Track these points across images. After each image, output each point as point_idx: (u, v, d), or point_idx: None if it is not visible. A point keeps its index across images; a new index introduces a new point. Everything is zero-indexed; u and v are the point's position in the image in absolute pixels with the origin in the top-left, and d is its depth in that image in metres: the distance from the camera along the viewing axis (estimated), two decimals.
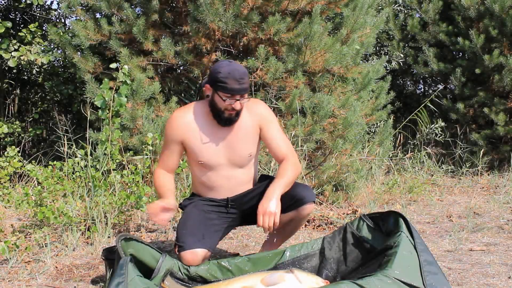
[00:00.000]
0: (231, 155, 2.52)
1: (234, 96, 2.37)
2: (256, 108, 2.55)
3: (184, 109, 2.56)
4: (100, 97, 3.61)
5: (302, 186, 2.58)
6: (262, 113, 2.55)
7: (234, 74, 2.35)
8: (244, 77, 2.37)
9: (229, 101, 2.38)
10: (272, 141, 2.54)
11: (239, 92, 2.36)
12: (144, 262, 2.29)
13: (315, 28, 4.14)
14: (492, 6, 5.65)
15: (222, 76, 2.35)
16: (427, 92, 7.52)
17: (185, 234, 2.46)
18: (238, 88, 2.35)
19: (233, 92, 2.36)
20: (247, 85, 2.39)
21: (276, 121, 2.59)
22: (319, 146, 4.56)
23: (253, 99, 2.62)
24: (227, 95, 2.37)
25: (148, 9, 4.38)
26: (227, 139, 2.50)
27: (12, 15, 6.28)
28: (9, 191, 3.81)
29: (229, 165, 2.54)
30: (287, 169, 2.46)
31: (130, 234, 2.35)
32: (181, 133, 2.51)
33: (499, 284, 2.57)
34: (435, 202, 4.56)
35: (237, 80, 2.34)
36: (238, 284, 2.19)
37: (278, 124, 2.60)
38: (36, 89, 6.62)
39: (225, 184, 2.57)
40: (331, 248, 2.49)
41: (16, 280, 2.69)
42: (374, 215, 2.47)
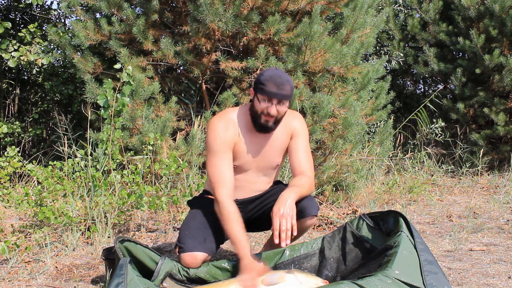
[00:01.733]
0: (260, 162, 2.53)
1: (271, 99, 2.34)
2: (292, 120, 2.54)
3: (227, 114, 2.50)
4: (103, 96, 3.61)
5: (308, 198, 2.55)
6: (296, 126, 2.54)
7: (275, 79, 2.33)
8: (285, 83, 2.34)
9: (265, 104, 2.35)
10: (296, 154, 2.52)
11: (276, 96, 2.33)
12: (143, 264, 2.29)
13: (315, 28, 4.14)
14: (492, 6, 5.65)
15: (263, 79, 2.35)
16: (427, 92, 7.52)
17: (186, 236, 2.43)
18: (275, 92, 2.33)
19: (270, 95, 2.33)
20: (286, 92, 2.35)
21: (307, 137, 2.58)
22: (319, 146, 4.56)
23: (292, 111, 2.60)
24: (264, 97, 2.35)
25: (148, 9, 4.38)
26: (261, 147, 2.50)
27: (12, 15, 6.28)
28: (9, 191, 3.81)
29: (256, 172, 2.55)
30: (303, 181, 2.43)
31: (128, 237, 2.35)
32: (233, 137, 2.44)
33: (499, 284, 2.57)
34: (435, 202, 4.56)
35: (276, 84, 2.33)
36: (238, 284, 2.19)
37: (307, 141, 2.57)
38: (36, 89, 6.62)
39: (245, 187, 2.57)
40: (330, 248, 2.49)
41: (16, 280, 2.69)
42: (374, 214, 2.48)
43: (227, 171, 2.39)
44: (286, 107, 2.41)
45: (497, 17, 5.73)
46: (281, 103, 2.37)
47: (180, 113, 4.57)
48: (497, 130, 5.80)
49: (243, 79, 4.40)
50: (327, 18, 5.06)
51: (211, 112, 4.39)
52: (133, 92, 4.23)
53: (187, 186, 4.00)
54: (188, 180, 4.02)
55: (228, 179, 2.38)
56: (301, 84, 4.37)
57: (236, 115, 2.49)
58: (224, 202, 2.32)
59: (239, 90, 4.40)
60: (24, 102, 6.76)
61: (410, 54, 6.57)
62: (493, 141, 6.03)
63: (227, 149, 2.42)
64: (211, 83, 4.86)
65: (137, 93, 4.21)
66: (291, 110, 2.60)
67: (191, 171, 4.07)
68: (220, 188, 2.35)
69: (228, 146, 2.42)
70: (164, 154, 4.09)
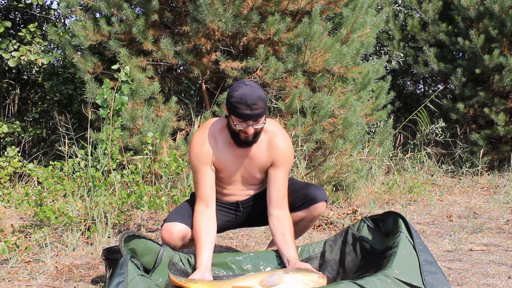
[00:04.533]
0: (244, 175, 2.52)
1: (246, 121, 2.28)
2: (280, 144, 2.45)
3: (206, 129, 2.47)
4: (101, 95, 3.61)
5: (315, 186, 2.57)
6: (280, 152, 2.45)
7: (246, 99, 2.23)
8: (256, 102, 2.24)
9: (241, 125, 2.30)
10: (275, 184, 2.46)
11: (250, 118, 2.26)
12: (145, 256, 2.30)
13: (315, 28, 4.14)
14: (492, 6, 5.65)
15: (234, 100, 2.26)
16: (427, 92, 7.52)
17: (172, 213, 2.54)
18: (249, 114, 2.24)
19: (244, 118, 2.26)
20: (260, 111, 2.26)
21: (290, 164, 2.52)
22: (319, 146, 4.56)
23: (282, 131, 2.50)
24: (239, 120, 2.29)
25: (147, 9, 4.38)
26: (243, 161, 2.48)
27: (12, 15, 6.28)
28: (9, 191, 3.81)
29: (242, 182, 2.56)
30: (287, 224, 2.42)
31: (132, 231, 2.35)
32: (209, 153, 2.42)
33: (499, 284, 2.57)
34: (435, 202, 4.56)
35: (248, 105, 2.23)
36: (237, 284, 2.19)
37: (288, 170, 2.52)
38: (36, 89, 6.62)
39: (237, 193, 2.59)
40: (332, 251, 2.50)
41: (16, 280, 2.69)
42: (375, 217, 2.48)
43: (206, 186, 2.44)
44: (263, 123, 2.34)
45: (497, 17, 5.73)
46: (257, 121, 2.30)
47: (180, 113, 4.57)
48: (497, 130, 5.80)
49: (243, 79, 4.39)
50: (327, 18, 5.06)
51: (211, 112, 4.39)
52: (133, 92, 4.23)
53: (187, 186, 4.00)
54: (188, 180, 4.02)
55: (206, 194, 2.43)
56: (301, 84, 4.37)
57: (217, 128, 2.46)
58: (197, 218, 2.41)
59: None
60: (24, 102, 6.76)
61: (410, 54, 6.57)
62: (493, 141, 6.03)
63: (204, 165, 2.43)
64: (211, 83, 4.86)
65: (137, 93, 4.21)
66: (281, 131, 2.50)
67: (191, 171, 4.06)
68: (197, 204, 2.44)
69: (205, 162, 2.43)
70: (164, 154, 4.09)
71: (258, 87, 2.30)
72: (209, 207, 2.44)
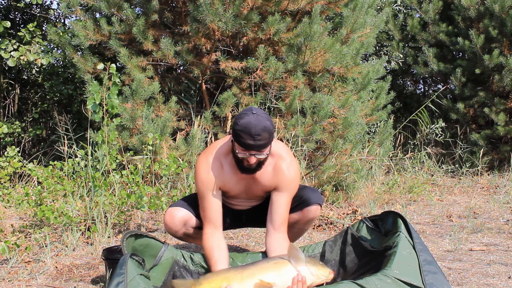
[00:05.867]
0: (249, 194, 2.53)
1: (248, 151, 2.25)
2: (286, 171, 2.41)
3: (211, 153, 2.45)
4: (92, 100, 3.59)
5: (310, 189, 2.56)
6: (286, 178, 2.42)
7: (250, 129, 2.19)
8: (261, 133, 2.19)
9: (243, 154, 2.27)
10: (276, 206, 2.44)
11: (252, 148, 2.22)
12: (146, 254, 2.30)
13: (315, 28, 4.14)
14: (492, 6, 5.65)
15: (238, 129, 2.22)
16: (427, 92, 7.52)
17: (178, 201, 2.60)
18: (252, 144, 2.20)
19: (246, 147, 2.23)
20: (263, 142, 2.22)
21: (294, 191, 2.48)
22: (319, 146, 4.56)
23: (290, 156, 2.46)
24: (241, 149, 2.26)
25: (148, 9, 4.38)
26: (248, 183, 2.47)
27: (12, 15, 6.28)
28: (9, 191, 3.81)
29: (247, 198, 2.57)
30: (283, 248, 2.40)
31: (135, 230, 2.36)
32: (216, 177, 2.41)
33: (499, 284, 2.57)
34: (435, 202, 4.56)
35: (252, 136, 2.19)
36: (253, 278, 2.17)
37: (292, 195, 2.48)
38: (36, 89, 6.62)
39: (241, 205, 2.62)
40: (332, 251, 2.50)
41: (16, 280, 2.69)
42: (374, 217, 2.48)
43: (213, 211, 2.43)
44: (267, 153, 2.31)
45: (497, 17, 5.73)
46: (261, 152, 2.27)
47: (180, 113, 4.57)
48: (497, 130, 5.80)
49: (243, 79, 4.40)
50: (327, 18, 5.06)
51: (211, 112, 4.39)
52: (133, 92, 4.23)
53: (187, 186, 4.00)
54: (188, 180, 4.02)
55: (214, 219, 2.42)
56: (301, 84, 4.37)
57: (222, 153, 2.44)
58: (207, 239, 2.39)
59: (239, 90, 4.40)
60: (24, 102, 6.76)
61: (410, 54, 6.57)
62: (493, 141, 6.03)
63: (211, 190, 2.42)
64: (211, 83, 4.86)
65: (137, 93, 4.21)
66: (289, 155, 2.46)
67: (191, 171, 4.06)
68: (206, 228, 2.42)
69: (211, 188, 2.42)
70: (164, 154, 4.09)
71: (265, 117, 2.25)
72: (218, 229, 2.42)
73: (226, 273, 2.20)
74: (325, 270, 2.23)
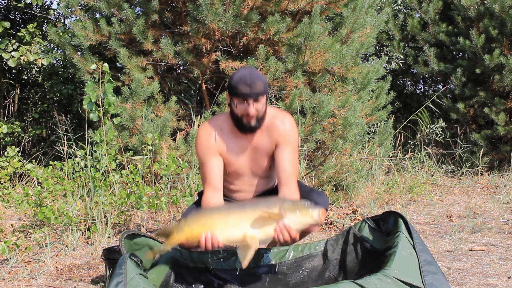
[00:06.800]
0: (253, 167, 2.51)
1: (246, 100, 2.31)
2: (281, 125, 2.46)
3: (211, 122, 2.51)
4: (88, 99, 3.59)
5: (317, 192, 2.55)
6: (284, 131, 2.46)
7: (245, 79, 2.29)
8: (255, 81, 2.29)
9: (242, 106, 2.32)
10: (279, 162, 2.46)
11: (250, 96, 2.29)
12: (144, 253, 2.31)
13: (315, 28, 4.14)
14: (492, 6, 5.65)
15: (234, 82, 2.31)
16: (427, 92, 7.52)
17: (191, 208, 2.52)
18: (249, 92, 2.28)
19: (244, 96, 2.29)
20: (259, 89, 2.30)
21: (295, 144, 2.51)
22: (319, 146, 4.56)
23: (281, 112, 2.54)
24: (239, 100, 2.32)
25: (147, 9, 4.38)
26: (250, 152, 2.49)
27: (12, 15, 6.28)
28: (9, 191, 3.81)
29: (252, 176, 2.54)
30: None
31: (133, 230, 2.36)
32: (215, 143, 2.45)
33: (499, 284, 2.57)
34: (435, 202, 4.56)
35: (247, 84, 2.28)
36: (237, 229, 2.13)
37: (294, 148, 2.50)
38: (36, 89, 6.62)
39: (246, 190, 2.58)
40: (334, 251, 2.50)
41: (16, 280, 2.69)
42: (376, 217, 2.49)
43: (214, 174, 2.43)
44: (264, 104, 2.38)
45: (497, 17, 5.72)
46: (257, 100, 2.33)
47: (180, 113, 4.57)
48: (497, 130, 5.80)
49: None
50: (327, 18, 5.06)
51: (211, 112, 4.39)
52: (132, 92, 4.23)
53: (187, 186, 4.00)
54: (188, 180, 4.02)
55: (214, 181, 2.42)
56: (301, 84, 4.37)
57: (221, 121, 2.48)
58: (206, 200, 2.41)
59: None
60: (24, 102, 6.76)
61: (410, 54, 6.57)
62: (493, 141, 6.03)
63: (211, 155, 2.44)
64: (211, 83, 4.86)
65: (136, 93, 4.21)
66: (282, 112, 2.54)
67: (191, 171, 4.06)
68: (206, 190, 2.43)
69: (212, 152, 2.44)
70: (164, 154, 4.09)
71: (258, 71, 2.35)
72: (218, 192, 2.42)
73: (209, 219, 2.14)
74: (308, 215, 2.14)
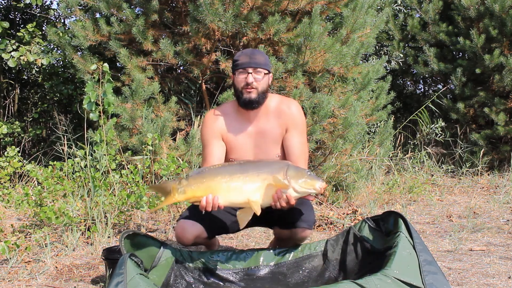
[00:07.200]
0: (259, 154, 2.52)
1: (246, 69, 2.41)
2: (287, 109, 2.51)
3: (218, 107, 2.60)
4: (88, 99, 3.59)
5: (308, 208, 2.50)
6: (291, 115, 2.50)
7: (246, 52, 2.45)
8: (256, 53, 2.44)
9: (242, 76, 2.41)
10: (291, 148, 2.50)
11: (249, 65, 2.40)
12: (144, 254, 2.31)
13: (315, 28, 4.13)
14: (492, 6, 5.65)
15: (236, 57, 2.46)
16: (427, 92, 7.52)
17: (188, 209, 2.53)
18: (248, 61, 2.41)
19: (244, 65, 2.41)
20: (259, 60, 2.42)
21: (303, 128, 2.54)
22: (319, 146, 4.55)
23: (288, 98, 2.61)
24: (239, 70, 2.42)
25: (147, 9, 4.38)
26: (256, 138, 2.51)
27: (12, 15, 6.28)
28: (9, 191, 3.81)
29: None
30: None
31: (133, 230, 2.36)
32: (220, 127, 2.50)
33: (499, 284, 2.57)
34: (435, 202, 4.56)
35: (247, 55, 2.42)
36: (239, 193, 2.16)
37: (303, 132, 2.54)
38: (36, 89, 6.62)
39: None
40: (334, 251, 2.50)
41: (16, 280, 2.69)
42: (376, 217, 2.48)
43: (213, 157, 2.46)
44: (265, 79, 2.44)
45: (497, 17, 5.72)
46: (257, 71, 2.41)
47: (180, 113, 4.57)
48: (497, 130, 5.80)
49: None
50: (327, 18, 5.05)
51: None
52: (132, 92, 4.23)
53: None
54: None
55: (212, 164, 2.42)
56: (301, 84, 4.37)
57: (227, 107, 2.56)
58: None
59: None
60: (24, 102, 6.76)
61: (410, 54, 6.57)
62: (493, 141, 6.03)
63: (214, 138, 2.49)
64: (211, 83, 4.86)
65: (136, 93, 4.21)
66: (286, 98, 2.60)
67: (191, 171, 4.06)
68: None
69: (215, 135, 2.49)
70: (164, 154, 4.09)
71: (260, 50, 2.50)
72: None
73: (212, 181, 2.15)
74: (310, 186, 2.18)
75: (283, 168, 2.17)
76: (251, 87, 2.41)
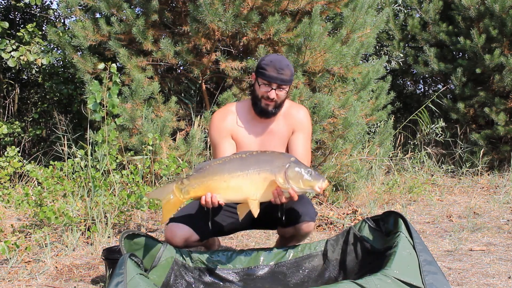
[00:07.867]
0: None
1: (271, 84, 2.39)
2: (296, 113, 2.56)
3: (227, 106, 2.59)
4: (92, 99, 3.59)
5: (306, 202, 2.53)
6: (299, 119, 2.56)
7: (275, 63, 2.39)
8: (284, 68, 2.39)
9: (265, 88, 2.40)
10: (295, 150, 2.54)
11: (275, 80, 2.39)
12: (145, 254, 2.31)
13: (315, 28, 4.13)
14: (492, 6, 5.65)
15: (264, 63, 2.41)
16: (427, 92, 7.52)
17: (179, 212, 2.53)
18: (275, 76, 2.38)
19: (270, 79, 2.38)
20: (286, 77, 2.40)
21: (309, 133, 2.60)
22: (319, 146, 4.55)
23: (298, 104, 2.63)
24: (264, 82, 2.40)
25: (147, 9, 4.38)
26: (263, 140, 2.53)
27: (12, 15, 6.28)
28: (9, 191, 3.81)
29: None
30: None
31: (133, 230, 2.36)
32: (229, 126, 2.51)
33: (499, 284, 2.57)
34: (435, 202, 4.56)
35: (276, 69, 2.38)
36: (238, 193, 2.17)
37: (309, 137, 2.59)
38: (36, 89, 6.61)
39: None
40: (334, 251, 2.50)
41: (16, 280, 2.69)
42: (376, 217, 2.48)
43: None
44: (286, 93, 2.45)
45: (497, 17, 5.72)
46: (281, 88, 2.41)
47: (180, 113, 4.57)
48: (497, 130, 5.80)
49: (243, 79, 4.40)
50: (327, 18, 5.05)
51: (211, 112, 4.39)
52: (132, 92, 4.23)
53: None
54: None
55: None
56: (301, 84, 4.37)
57: (237, 106, 2.56)
58: None
59: (239, 90, 4.40)
60: (24, 102, 6.75)
61: (410, 54, 6.57)
62: (493, 141, 6.03)
63: (224, 138, 2.49)
64: (211, 83, 4.86)
65: (136, 93, 4.21)
66: (296, 104, 2.63)
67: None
68: None
69: (224, 135, 2.49)
70: (164, 154, 4.08)
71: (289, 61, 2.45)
72: None
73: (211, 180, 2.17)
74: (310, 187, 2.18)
75: (284, 166, 2.17)
76: (271, 101, 2.43)
